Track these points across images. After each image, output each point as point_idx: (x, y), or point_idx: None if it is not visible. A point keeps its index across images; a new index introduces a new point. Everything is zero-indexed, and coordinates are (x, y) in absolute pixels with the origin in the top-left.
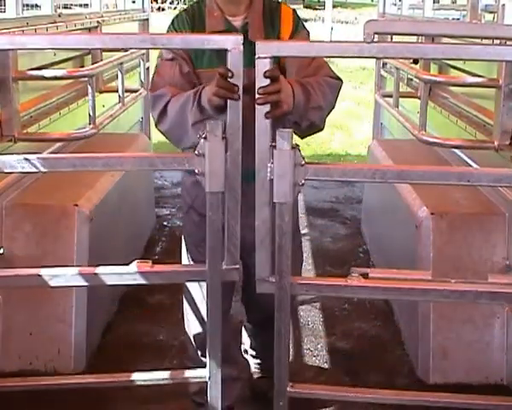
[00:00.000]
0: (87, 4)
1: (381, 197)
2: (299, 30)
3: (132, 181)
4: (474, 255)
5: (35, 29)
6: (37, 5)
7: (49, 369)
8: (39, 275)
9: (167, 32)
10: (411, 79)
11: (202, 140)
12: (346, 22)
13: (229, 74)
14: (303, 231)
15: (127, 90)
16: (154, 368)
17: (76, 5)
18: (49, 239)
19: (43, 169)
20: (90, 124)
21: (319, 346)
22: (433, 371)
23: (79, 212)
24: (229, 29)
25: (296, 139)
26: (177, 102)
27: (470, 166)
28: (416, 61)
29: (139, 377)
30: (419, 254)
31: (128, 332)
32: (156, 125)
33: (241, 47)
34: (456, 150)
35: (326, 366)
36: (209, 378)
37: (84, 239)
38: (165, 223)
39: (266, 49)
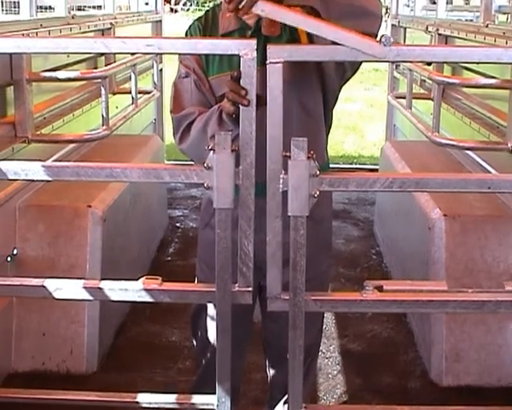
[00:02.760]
0: (100, 6)
1: (394, 199)
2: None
3: (145, 182)
4: (487, 257)
5: (48, 31)
6: (50, 7)
7: (61, 369)
8: (44, 286)
9: None
10: (424, 81)
11: (211, 152)
12: None
13: (236, 75)
14: None
15: (140, 92)
16: (166, 368)
17: (89, 7)
18: (62, 240)
19: (46, 178)
20: (103, 125)
21: (331, 348)
22: (446, 374)
23: (92, 213)
24: (242, 27)
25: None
26: (201, 119)
27: (484, 167)
28: (429, 63)
29: (145, 399)
30: (432, 256)
31: (140, 333)
32: (178, 145)
33: (255, 52)
34: (469, 152)
35: (338, 367)
36: (217, 406)
37: (97, 240)
38: (177, 224)
39: (278, 54)
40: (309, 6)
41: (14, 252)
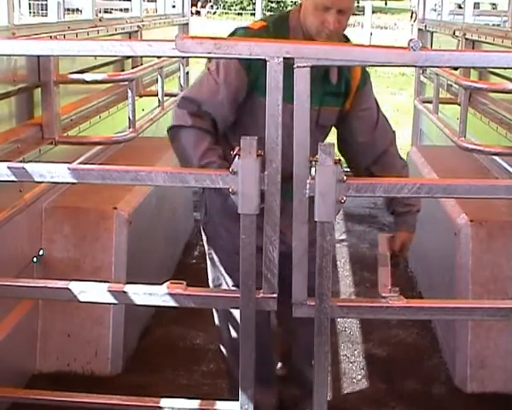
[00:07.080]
0: (127, 9)
1: None
2: (366, 83)
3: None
4: None
5: (76, 33)
6: (78, 9)
7: (86, 371)
8: (68, 289)
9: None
10: (451, 85)
11: (236, 158)
12: (386, 28)
13: None
14: (341, 237)
15: (167, 95)
16: (190, 371)
17: (116, 10)
18: (87, 242)
19: (71, 180)
20: (129, 128)
21: (356, 352)
22: (471, 380)
23: (118, 215)
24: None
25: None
26: (199, 148)
27: (511, 173)
28: (456, 67)
29: (167, 404)
30: (457, 261)
31: (165, 336)
32: (170, 135)
33: (281, 58)
34: (496, 157)
35: (363, 372)
36: None
37: (123, 242)
38: None
39: (306, 58)
40: None
41: (40, 253)
